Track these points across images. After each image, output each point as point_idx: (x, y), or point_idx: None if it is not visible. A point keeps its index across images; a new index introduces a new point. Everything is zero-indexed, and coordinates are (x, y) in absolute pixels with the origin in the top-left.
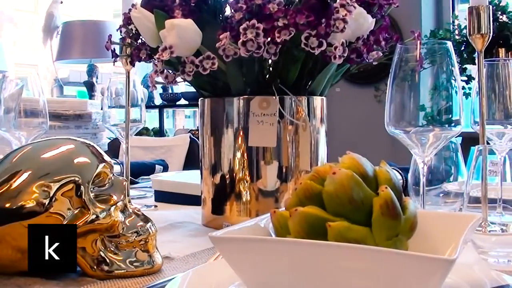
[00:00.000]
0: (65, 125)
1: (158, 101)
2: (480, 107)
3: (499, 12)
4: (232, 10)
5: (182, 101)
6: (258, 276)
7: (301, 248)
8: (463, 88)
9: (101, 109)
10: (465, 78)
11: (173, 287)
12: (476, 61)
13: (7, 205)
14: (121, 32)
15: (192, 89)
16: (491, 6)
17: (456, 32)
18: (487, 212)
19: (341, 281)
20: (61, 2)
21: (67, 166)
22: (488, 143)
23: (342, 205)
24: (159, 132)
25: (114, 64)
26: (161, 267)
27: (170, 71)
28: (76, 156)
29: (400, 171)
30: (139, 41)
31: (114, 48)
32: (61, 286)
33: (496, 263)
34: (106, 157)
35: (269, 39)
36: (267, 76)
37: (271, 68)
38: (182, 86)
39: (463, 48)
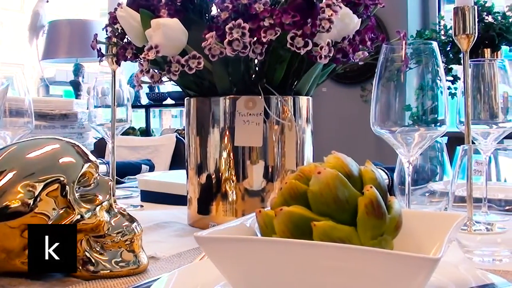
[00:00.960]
0: (51, 125)
1: (144, 100)
2: (466, 107)
3: (485, 13)
4: (218, 10)
5: (169, 101)
6: (243, 276)
7: (286, 248)
8: (449, 88)
9: (87, 108)
10: (451, 78)
11: (158, 287)
12: (462, 61)
13: None
14: (107, 31)
15: (179, 88)
16: (476, 7)
17: (442, 32)
18: (472, 211)
19: (327, 280)
20: (47, 1)
21: (52, 166)
22: (473, 143)
23: (327, 204)
24: (146, 131)
25: (100, 64)
26: (147, 267)
27: (156, 71)
28: (61, 156)
29: (386, 171)
30: (125, 40)
31: (100, 48)
32: (46, 286)
33: (481, 262)
34: (92, 157)
35: (255, 38)
36: (253, 76)
37: (257, 68)
38: (168, 86)
39: (449, 48)
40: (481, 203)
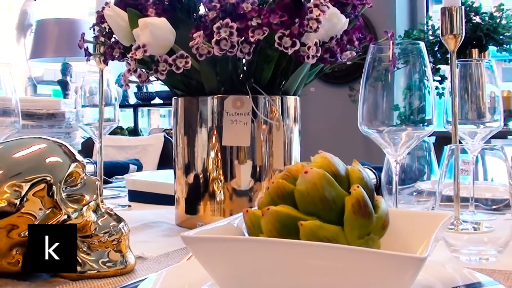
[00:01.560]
0: (38, 124)
1: (132, 100)
2: (453, 107)
3: (472, 13)
4: (206, 9)
5: (157, 100)
6: (231, 275)
7: (273, 247)
8: (437, 88)
9: (75, 108)
10: (439, 78)
11: (145, 287)
12: (449, 61)
13: None
14: (94, 30)
15: (167, 88)
16: (463, 7)
17: (430, 32)
18: (459, 211)
19: (313, 279)
20: (35, 0)
21: (39, 166)
22: (460, 143)
23: (314, 204)
24: (134, 131)
25: (87, 63)
26: (134, 267)
27: (144, 70)
28: (48, 156)
29: (373, 170)
30: (113, 39)
31: (87, 47)
32: (32, 287)
33: (468, 261)
34: (78, 157)
35: (242, 38)
36: (241, 76)
37: (245, 68)
38: (157, 85)
39: (436, 48)
40: (468, 202)
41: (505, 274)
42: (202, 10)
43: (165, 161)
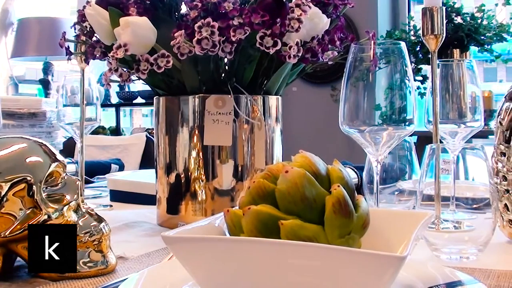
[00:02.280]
0: (19, 124)
1: (114, 99)
2: (434, 107)
3: (454, 14)
4: (188, 8)
5: (139, 100)
6: (211, 275)
7: (253, 247)
8: (418, 88)
9: (56, 107)
10: (420, 78)
11: (127, 287)
12: (430, 61)
13: None
14: (75, 29)
15: (149, 87)
16: (444, 8)
17: (412, 32)
18: (440, 210)
19: (294, 279)
20: None
21: (19, 165)
22: (441, 142)
23: (295, 203)
24: (116, 131)
25: (68, 62)
26: (115, 267)
27: (125, 69)
28: (28, 155)
29: (355, 170)
30: (94, 38)
31: (68, 46)
32: (13, 287)
33: (448, 260)
34: (59, 156)
35: (224, 37)
36: (223, 75)
37: (226, 67)
38: (139, 85)
39: (418, 48)
40: (449, 201)
41: (485, 273)
42: (183, 9)
43: (147, 160)
